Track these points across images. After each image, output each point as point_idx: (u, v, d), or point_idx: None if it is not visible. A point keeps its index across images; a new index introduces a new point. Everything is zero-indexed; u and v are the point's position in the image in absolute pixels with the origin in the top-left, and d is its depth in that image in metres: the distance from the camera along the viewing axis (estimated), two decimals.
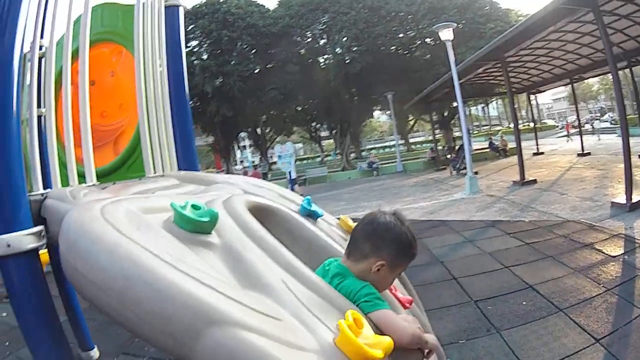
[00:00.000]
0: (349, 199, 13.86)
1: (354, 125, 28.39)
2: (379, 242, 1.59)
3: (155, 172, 2.84)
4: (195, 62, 24.85)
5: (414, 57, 25.16)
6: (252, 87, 24.75)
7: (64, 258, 1.23)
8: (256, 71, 25.78)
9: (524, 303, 3.57)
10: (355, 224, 2.03)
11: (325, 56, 26.54)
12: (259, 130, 31.67)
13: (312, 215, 2.28)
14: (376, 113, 36.21)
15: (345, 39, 23.97)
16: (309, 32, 26.43)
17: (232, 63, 24.94)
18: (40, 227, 1.58)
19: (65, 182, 2.16)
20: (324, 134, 38.03)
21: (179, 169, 3.09)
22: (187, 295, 1.09)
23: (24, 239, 1.49)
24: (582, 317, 3.23)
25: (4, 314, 3.72)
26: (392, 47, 25.15)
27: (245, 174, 27.96)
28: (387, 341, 1.17)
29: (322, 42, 26.73)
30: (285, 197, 2.57)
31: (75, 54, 3.60)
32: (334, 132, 30.75)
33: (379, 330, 1.36)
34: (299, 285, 1.37)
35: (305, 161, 41.80)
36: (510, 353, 2.86)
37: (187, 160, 3.18)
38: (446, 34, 12.48)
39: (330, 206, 12.19)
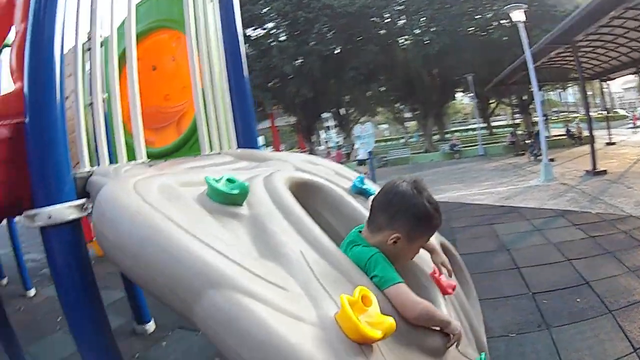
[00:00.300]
0: (428, 181, 13.47)
1: (436, 107, 27.85)
2: (394, 213, 1.50)
3: (212, 150, 2.91)
4: (273, 43, 25.33)
5: (492, 39, 24.28)
6: (332, 68, 24.88)
7: (95, 225, 1.33)
8: (336, 52, 25.91)
9: (578, 300, 3.48)
10: None
11: (405, 37, 26.12)
12: (342, 111, 31.82)
13: (364, 193, 2.26)
14: (459, 95, 34.98)
15: (422, 19, 23.55)
16: (386, 13, 26.10)
17: (310, 44, 25.09)
18: (82, 200, 1.69)
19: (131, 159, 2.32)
20: (407, 115, 37.42)
21: (239, 146, 3.16)
22: (192, 257, 1.13)
23: (65, 210, 1.61)
24: (627, 321, 3.11)
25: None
26: (470, 29, 24.42)
27: (328, 154, 28.36)
28: (389, 322, 1.12)
29: (401, 22, 26.25)
30: (341, 174, 2.57)
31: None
32: (416, 113, 30.20)
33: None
34: (318, 258, 1.35)
35: (389, 142, 41.28)
36: (555, 353, 2.81)
37: (246, 138, 3.23)
38: (517, 15, 12.24)
39: None
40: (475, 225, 6.49)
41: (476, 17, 24.22)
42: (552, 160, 12.29)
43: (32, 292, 5.62)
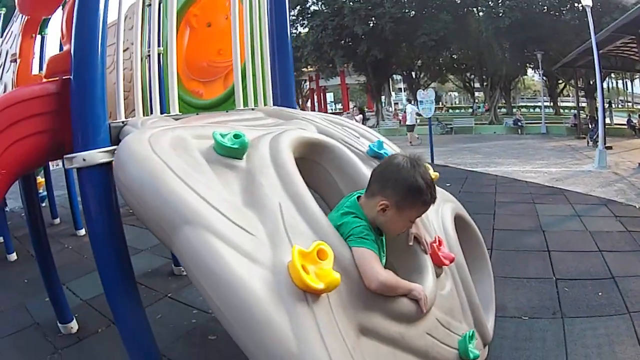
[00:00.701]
0: (486, 153, 14.07)
1: (504, 80, 27.56)
2: (386, 181, 1.64)
3: (247, 106, 3.13)
4: (345, 3, 25.63)
5: (564, 20, 24.30)
6: (404, 31, 24.99)
7: (113, 169, 1.63)
8: (411, 15, 26.03)
9: (600, 294, 3.36)
10: (436, 173, 2.13)
11: (479, 7, 26.05)
12: (413, 75, 31.72)
13: (380, 157, 2.36)
14: (530, 72, 33.93)
15: None
16: None
17: (385, 5, 25.11)
18: (114, 147, 1.97)
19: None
20: (477, 85, 36.42)
21: (276, 104, 3.34)
22: (175, 197, 1.37)
23: (97, 155, 1.90)
24: None
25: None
26: (544, 8, 24.41)
27: (395, 116, 28.13)
28: (333, 277, 1.27)
29: None
30: (366, 137, 2.71)
31: (188, 1, 4.10)
32: (484, 84, 29.84)
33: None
34: (294, 212, 1.53)
35: (458, 110, 41.00)
36: (562, 345, 2.76)
37: (284, 96, 3.38)
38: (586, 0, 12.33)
39: (466, 158, 12.37)
40: (519, 202, 6.43)
41: None
42: (609, 148, 12.04)
43: (82, 232, 6.21)
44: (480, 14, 25.36)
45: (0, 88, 3.83)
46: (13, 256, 5.62)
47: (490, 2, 23.81)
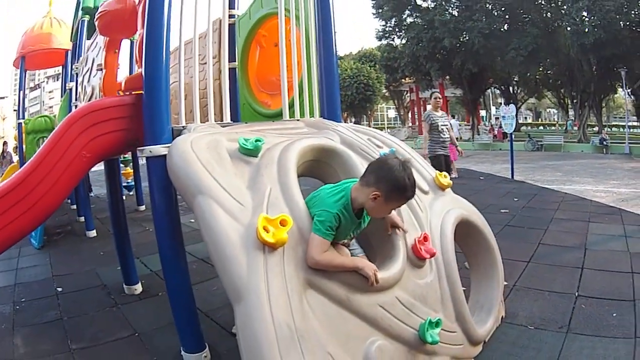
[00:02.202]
0: (566, 171, 14.30)
1: (592, 98, 26.84)
2: (381, 177, 2.18)
3: (294, 117, 3.80)
4: (436, 17, 26.63)
5: None
6: (495, 46, 25.63)
7: (166, 158, 2.46)
8: (501, 29, 26.71)
9: (614, 315, 3.36)
10: (450, 182, 3.07)
11: (566, 22, 25.55)
12: (511, 90, 32.19)
13: None
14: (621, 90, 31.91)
15: (580, 8, 23.27)
16: None
17: (473, 20, 25.94)
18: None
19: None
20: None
21: (323, 116, 3.94)
22: (196, 176, 2.18)
23: (160, 148, 2.76)
24: None
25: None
26: (627, 24, 23.59)
27: (491, 130, 27.79)
28: (282, 237, 1.94)
29: (565, 7, 25.85)
30: (387, 144, 3.37)
31: (259, 22, 4.90)
32: (574, 101, 29.26)
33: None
34: (279, 194, 2.26)
35: (552, 127, 39.41)
36: (554, 358, 2.85)
37: (330, 109, 4.00)
38: None
39: (546, 175, 12.52)
40: (574, 220, 6.42)
41: (631, 12, 23.20)
42: None
43: None
44: (568, 29, 25.20)
45: (89, 90, 4.88)
46: (92, 233, 7.02)
47: (575, 18, 23.51)
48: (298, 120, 3.72)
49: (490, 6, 26.79)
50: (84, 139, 2.77)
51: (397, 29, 31.63)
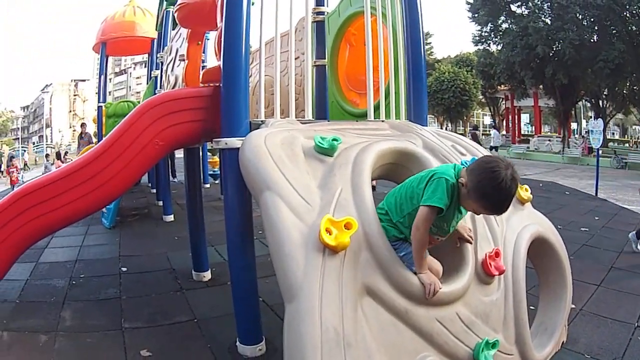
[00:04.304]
0: None
1: None
2: (476, 171, 2.16)
3: (379, 118, 3.84)
4: (530, 24, 26.73)
5: None
6: (584, 57, 25.40)
7: (239, 153, 2.64)
8: (591, 40, 26.48)
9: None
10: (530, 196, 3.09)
11: None
12: (600, 103, 31.44)
13: None
14: None
15: None
16: (634, 10, 25.60)
17: (565, 29, 25.69)
18: None
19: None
20: None
21: (409, 119, 3.94)
22: (265, 172, 2.33)
23: (236, 141, 2.92)
24: None
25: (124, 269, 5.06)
26: None
27: (584, 145, 27.19)
28: (344, 241, 2.00)
29: None
30: (471, 152, 3.34)
31: (348, 20, 4.98)
32: None
33: None
34: (348, 195, 2.34)
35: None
36: None
37: (416, 112, 3.97)
38: None
39: (627, 194, 12.06)
40: None
41: None
42: None
43: None
44: None
45: (172, 79, 5.21)
46: (170, 217, 7.51)
47: None
48: (383, 121, 3.79)
49: (580, 16, 26.50)
50: (157, 127, 3.04)
51: (492, 34, 31.75)
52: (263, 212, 2.21)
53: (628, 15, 26.06)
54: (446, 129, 43.72)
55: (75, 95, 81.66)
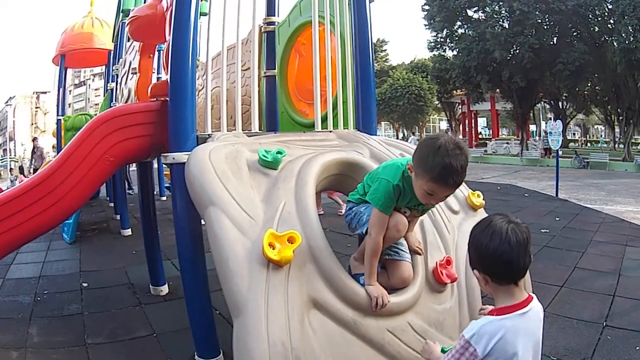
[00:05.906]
0: (610, 190, 13.90)
1: (638, 115, 26.37)
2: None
3: (327, 128, 3.81)
4: (487, 30, 27.20)
5: None
6: (543, 60, 26.09)
7: (185, 168, 2.55)
8: (550, 43, 27.16)
9: (637, 348, 3.29)
10: (482, 202, 2.96)
11: (613, 37, 25.47)
12: (560, 105, 32.52)
13: None
14: None
15: (627, 26, 22.90)
16: (597, 11, 26.31)
17: (524, 34, 26.29)
18: None
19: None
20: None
21: (359, 128, 3.91)
22: (209, 187, 2.26)
23: (183, 156, 2.83)
24: None
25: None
26: None
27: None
28: (288, 255, 1.97)
29: (612, 22, 25.94)
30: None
31: (297, 30, 4.96)
32: (620, 118, 28.86)
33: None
34: (292, 209, 2.29)
35: (595, 145, 41.26)
36: None
37: (365, 122, 3.95)
38: None
39: (589, 194, 12.44)
40: (611, 243, 6.30)
41: None
42: None
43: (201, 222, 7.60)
44: (615, 45, 24.97)
45: (125, 92, 5.11)
46: (128, 231, 7.37)
47: (623, 35, 23.25)
48: (330, 131, 3.75)
49: (540, 20, 27.14)
50: (108, 143, 2.95)
51: (448, 40, 32.13)
52: (208, 228, 2.16)
53: (591, 16, 26.64)
54: (403, 135, 44.29)
55: (37, 107, 79.33)
